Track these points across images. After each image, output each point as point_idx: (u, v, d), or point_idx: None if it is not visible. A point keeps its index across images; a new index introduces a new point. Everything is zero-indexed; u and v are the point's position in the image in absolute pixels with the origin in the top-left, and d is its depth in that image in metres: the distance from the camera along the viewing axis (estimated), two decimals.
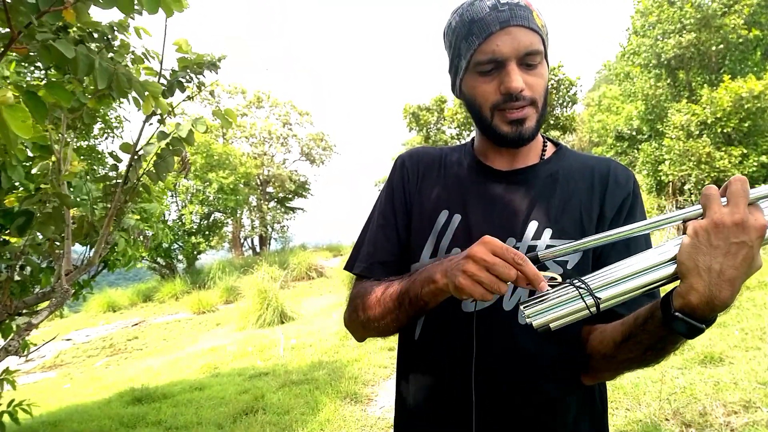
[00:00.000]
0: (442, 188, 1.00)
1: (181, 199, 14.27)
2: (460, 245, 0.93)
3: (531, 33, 0.86)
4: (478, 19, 0.87)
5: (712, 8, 7.33)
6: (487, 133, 0.94)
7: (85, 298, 3.61)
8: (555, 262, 0.89)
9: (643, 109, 7.98)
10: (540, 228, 0.92)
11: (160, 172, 1.96)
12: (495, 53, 0.86)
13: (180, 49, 1.94)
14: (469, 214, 0.95)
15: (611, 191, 0.95)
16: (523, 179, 0.97)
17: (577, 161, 1.00)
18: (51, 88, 1.45)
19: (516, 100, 0.87)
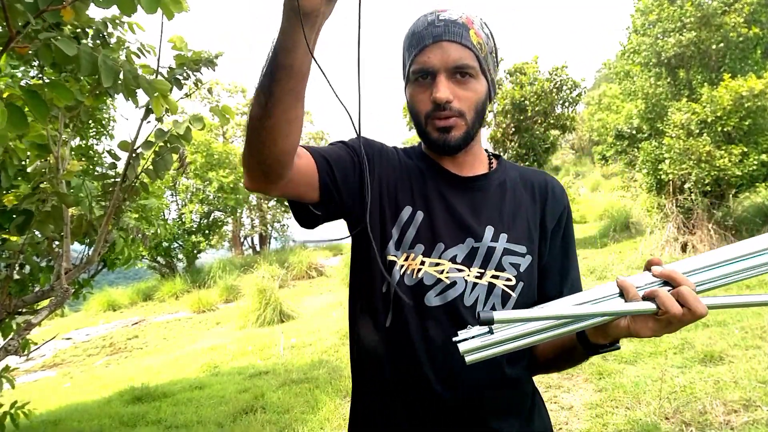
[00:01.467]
0: (405, 184, 1.02)
1: (181, 198, 14.26)
2: (423, 242, 0.97)
3: (462, 48, 0.92)
4: (417, 32, 0.95)
5: (713, 7, 7.32)
6: (422, 138, 1.00)
7: (85, 297, 3.60)
8: (510, 264, 0.97)
9: (643, 108, 7.96)
10: (496, 232, 0.99)
11: (159, 170, 1.96)
12: (426, 64, 0.92)
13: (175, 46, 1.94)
14: (431, 214, 0.99)
15: (550, 203, 1.05)
16: (479, 186, 1.03)
17: (518, 173, 1.09)
18: (52, 86, 1.45)
19: (443, 109, 0.93)
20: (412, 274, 0.95)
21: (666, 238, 7.53)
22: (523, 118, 11.51)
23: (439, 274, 0.95)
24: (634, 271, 6.81)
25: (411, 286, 0.95)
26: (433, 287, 0.95)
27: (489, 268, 0.96)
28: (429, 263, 0.96)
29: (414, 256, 0.96)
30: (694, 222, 7.33)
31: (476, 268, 0.96)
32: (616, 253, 8.21)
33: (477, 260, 0.96)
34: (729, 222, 7.26)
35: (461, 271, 0.95)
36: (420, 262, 0.96)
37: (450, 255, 0.96)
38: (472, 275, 0.95)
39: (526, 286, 0.97)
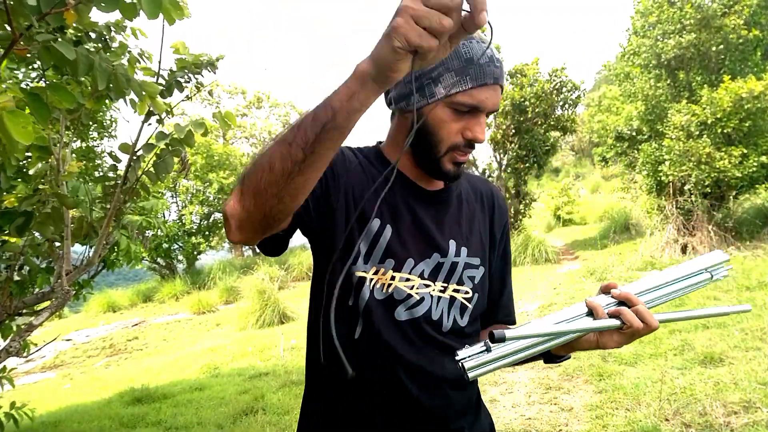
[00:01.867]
0: (371, 196, 0.95)
1: (181, 199, 14.26)
2: (393, 256, 0.96)
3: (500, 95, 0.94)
4: (476, 63, 0.88)
5: (713, 9, 7.32)
6: (429, 164, 0.97)
7: (85, 298, 3.60)
8: (468, 278, 1.02)
9: (643, 110, 7.97)
10: (458, 246, 1.02)
11: (159, 172, 1.97)
12: (481, 104, 0.90)
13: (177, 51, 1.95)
14: (399, 228, 0.99)
15: (497, 214, 1.11)
16: (442, 199, 1.04)
17: (467, 182, 1.11)
18: (54, 89, 1.46)
19: (471, 147, 0.95)
20: (382, 288, 0.96)
21: (666, 239, 7.53)
22: (523, 120, 11.51)
23: (409, 289, 0.97)
24: (635, 273, 6.81)
25: (381, 300, 0.96)
26: (403, 302, 0.96)
27: (451, 282, 1.00)
28: (399, 278, 0.96)
29: (384, 270, 0.96)
30: (694, 224, 7.33)
31: (440, 283, 0.99)
32: (616, 254, 8.21)
33: (441, 275, 0.99)
34: (729, 223, 7.27)
35: (428, 286, 0.98)
36: (390, 277, 0.96)
37: (419, 270, 0.98)
38: (436, 289, 0.99)
39: (480, 296, 1.04)
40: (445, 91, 0.90)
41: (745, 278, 5.47)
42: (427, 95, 0.92)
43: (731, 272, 3.83)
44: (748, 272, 5.67)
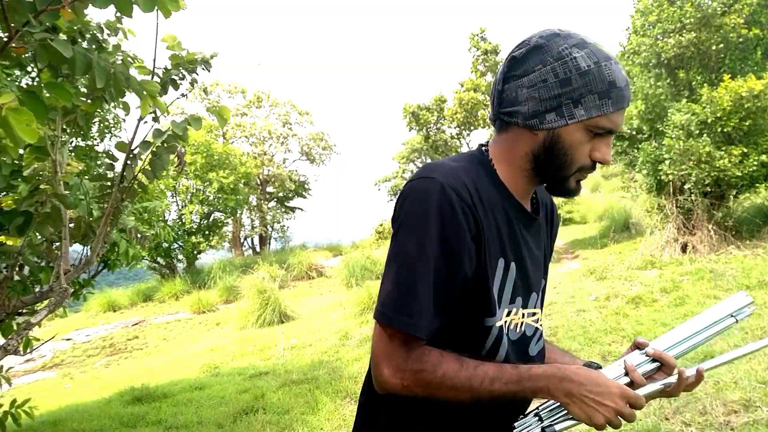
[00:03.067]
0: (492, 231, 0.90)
1: (181, 198, 14.26)
2: (521, 294, 0.97)
3: None
4: (618, 86, 0.87)
5: (712, 7, 7.32)
6: (554, 182, 0.94)
7: (85, 297, 3.60)
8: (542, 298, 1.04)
9: (643, 109, 7.96)
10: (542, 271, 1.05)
11: (156, 169, 1.97)
12: (616, 127, 0.90)
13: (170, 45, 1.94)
14: (521, 262, 0.95)
15: (555, 225, 1.11)
16: (539, 221, 1.03)
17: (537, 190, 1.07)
18: (51, 88, 1.45)
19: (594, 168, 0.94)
20: (515, 328, 0.96)
21: (666, 238, 7.53)
22: None
23: (535, 323, 1.00)
24: (634, 272, 6.81)
25: (515, 340, 0.97)
26: (533, 337, 1.00)
27: (538, 308, 1.03)
28: (527, 314, 0.98)
29: (516, 310, 0.96)
30: (694, 223, 7.33)
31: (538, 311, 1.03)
32: (616, 253, 8.21)
33: (538, 303, 1.02)
34: (729, 223, 7.26)
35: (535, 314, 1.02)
36: (522, 315, 0.97)
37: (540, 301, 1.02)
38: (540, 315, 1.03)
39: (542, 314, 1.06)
40: (587, 113, 0.87)
41: (745, 277, 5.47)
42: (566, 116, 0.88)
43: (732, 271, 3.86)
44: (749, 271, 5.67)
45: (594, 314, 5.29)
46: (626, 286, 6.22)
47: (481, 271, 0.88)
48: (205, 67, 2.12)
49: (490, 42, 11.92)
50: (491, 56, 11.88)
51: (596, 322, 4.99)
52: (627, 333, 4.51)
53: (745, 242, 7.04)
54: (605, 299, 5.78)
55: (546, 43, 0.88)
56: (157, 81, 2.00)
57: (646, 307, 5.29)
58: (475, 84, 11.69)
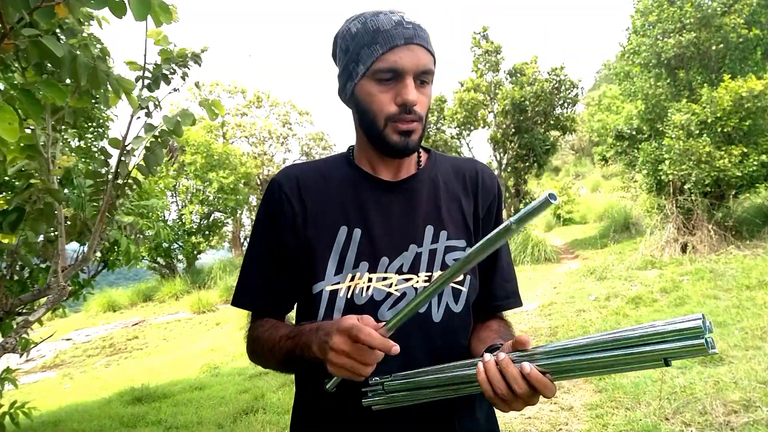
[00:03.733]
0: (335, 205, 1.00)
1: (181, 198, 14.26)
2: (366, 259, 0.97)
3: (428, 54, 0.93)
4: (383, 30, 0.91)
5: (712, 8, 7.31)
6: (376, 141, 0.97)
7: (85, 297, 3.60)
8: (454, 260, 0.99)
9: (643, 109, 7.96)
10: (436, 231, 1.00)
11: (150, 165, 1.96)
12: (396, 64, 0.91)
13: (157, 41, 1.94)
14: (369, 227, 0.98)
15: (481, 193, 1.07)
16: (410, 187, 1.03)
17: (449, 165, 1.09)
18: (46, 86, 1.45)
19: (409, 112, 0.92)
20: (361, 292, 0.95)
21: (666, 238, 7.53)
22: (522, 119, 11.51)
23: (388, 288, 0.96)
24: (634, 272, 6.82)
25: (362, 304, 0.95)
26: (384, 302, 0.95)
27: (435, 270, 0.98)
28: (376, 279, 0.96)
29: (360, 275, 0.96)
30: (694, 223, 7.33)
31: (423, 273, 0.97)
32: (616, 253, 8.21)
33: (422, 265, 0.98)
34: (729, 223, 7.26)
35: (409, 280, 0.97)
36: (367, 279, 0.96)
37: (396, 266, 0.97)
38: (420, 281, 0.97)
39: (473, 278, 1.02)
40: (364, 65, 0.93)
41: (745, 277, 5.47)
42: (353, 77, 0.95)
43: (732, 271, 3.83)
44: (749, 271, 5.67)
45: (594, 314, 5.29)
46: (626, 286, 6.22)
47: (308, 240, 0.99)
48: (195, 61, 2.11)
49: (492, 41, 11.92)
50: (492, 56, 11.89)
51: (596, 322, 4.99)
52: None
53: (745, 242, 7.04)
54: (605, 299, 5.78)
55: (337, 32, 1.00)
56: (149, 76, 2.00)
57: (646, 307, 5.29)
58: (476, 84, 11.68)
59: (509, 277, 1.10)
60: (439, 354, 0.95)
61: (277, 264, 1.02)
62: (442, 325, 0.97)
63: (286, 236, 1.01)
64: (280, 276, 1.02)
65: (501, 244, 0.67)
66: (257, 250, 1.05)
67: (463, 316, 1.00)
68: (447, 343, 0.98)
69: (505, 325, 1.06)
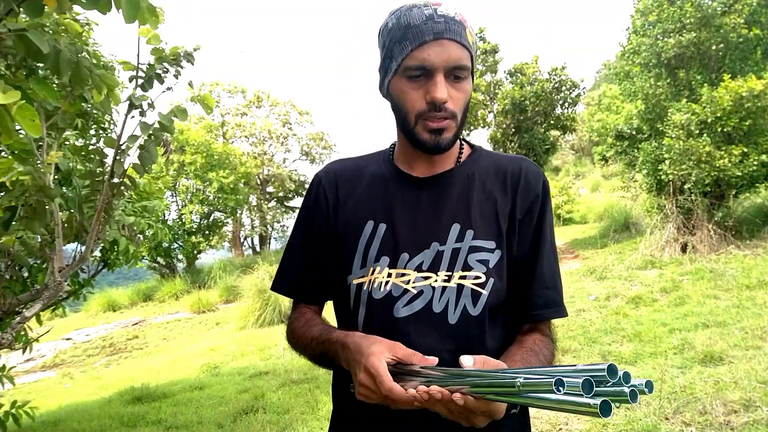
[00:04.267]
0: (365, 199, 1.03)
1: (181, 198, 14.27)
2: (387, 253, 0.97)
3: (461, 48, 0.90)
4: (413, 25, 0.90)
5: (712, 7, 7.31)
6: (409, 138, 0.97)
7: (85, 297, 3.60)
8: (477, 261, 0.95)
9: (643, 109, 7.95)
10: (462, 230, 0.96)
11: (145, 163, 1.96)
12: (425, 61, 0.89)
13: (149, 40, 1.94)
14: (394, 223, 0.98)
15: (522, 192, 1.00)
16: (441, 184, 1.01)
17: (492, 162, 1.04)
18: (37, 84, 1.45)
19: (438, 110, 0.90)
20: (380, 287, 0.95)
21: (666, 238, 7.53)
22: (523, 119, 11.52)
23: (405, 284, 0.95)
24: (634, 272, 6.81)
25: (380, 299, 0.95)
26: (401, 298, 0.94)
27: (456, 270, 0.95)
28: (395, 274, 0.96)
29: (380, 269, 0.96)
30: (694, 222, 7.32)
31: (443, 272, 0.95)
32: (616, 253, 8.20)
33: (443, 264, 0.95)
34: (729, 222, 7.26)
35: (428, 278, 0.95)
36: (387, 274, 0.96)
37: (416, 263, 0.96)
38: (440, 280, 0.94)
39: (497, 281, 0.95)
40: (395, 62, 0.92)
41: (745, 277, 5.47)
42: (388, 73, 0.95)
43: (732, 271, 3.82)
44: (749, 271, 5.67)
45: (594, 314, 5.29)
46: (626, 286, 6.22)
47: (338, 232, 1.02)
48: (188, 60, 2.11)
49: (489, 42, 11.92)
50: (490, 56, 11.88)
51: (596, 322, 4.99)
52: (627, 333, 4.51)
53: (745, 242, 7.04)
54: (605, 299, 5.77)
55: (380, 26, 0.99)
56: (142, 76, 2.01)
57: (646, 307, 5.29)
58: (475, 84, 11.71)
59: (551, 285, 1.01)
60: (452, 356, 0.90)
61: (314, 253, 1.05)
62: (457, 327, 0.93)
63: (321, 226, 1.04)
64: (317, 264, 1.05)
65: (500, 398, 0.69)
66: (296, 239, 1.09)
67: (482, 320, 0.94)
68: (461, 347, 0.92)
69: (541, 342, 0.97)
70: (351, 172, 1.07)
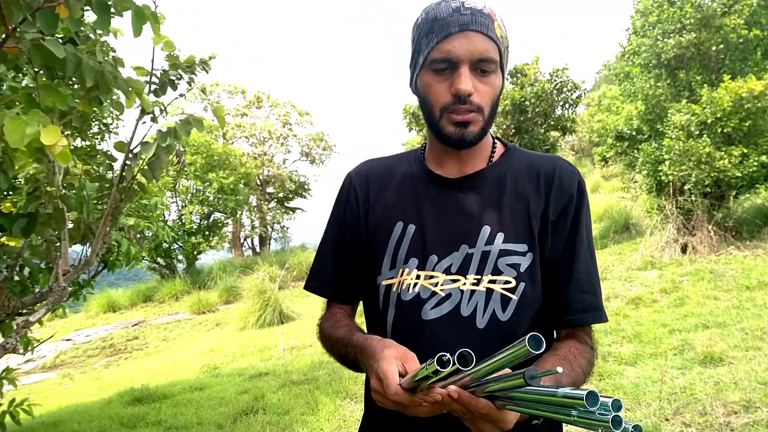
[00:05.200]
0: (395, 200, 1.02)
1: (181, 199, 14.26)
2: (416, 255, 0.96)
3: (488, 41, 0.88)
4: (440, 18, 0.89)
5: (712, 8, 7.31)
6: (435, 132, 0.96)
7: (85, 298, 3.60)
8: (508, 265, 0.92)
9: (643, 109, 7.96)
10: (492, 233, 0.94)
11: (155, 169, 1.97)
12: (450, 53, 0.88)
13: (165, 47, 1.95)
14: (423, 224, 0.97)
15: (555, 193, 0.96)
16: (472, 185, 0.98)
17: (525, 161, 1.01)
18: (46, 90, 1.46)
19: (463, 103, 0.89)
20: (408, 288, 0.95)
21: (666, 239, 7.53)
22: (523, 119, 11.52)
23: (433, 287, 0.94)
24: (634, 273, 6.81)
25: (408, 300, 0.95)
26: (429, 300, 0.93)
27: (486, 273, 0.92)
28: (424, 276, 0.95)
29: (408, 270, 0.95)
30: (694, 223, 7.33)
31: (472, 275, 0.93)
32: (616, 254, 8.21)
33: (472, 267, 0.93)
34: (729, 223, 7.26)
35: (456, 281, 0.93)
36: (415, 276, 0.95)
37: (444, 266, 0.94)
38: (468, 283, 0.92)
39: (528, 286, 0.92)
40: (422, 55, 0.92)
41: (745, 278, 5.47)
42: (417, 67, 0.95)
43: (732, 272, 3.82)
44: (749, 272, 5.67)
45: None
46: (626, 286, 6.22)
47: (371, 232, 1.02)
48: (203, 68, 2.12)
49: None
50: None
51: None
52: (627, 334, 4.51)
53: (745, 243, 7.04)
54: (605, 300, 5.73)
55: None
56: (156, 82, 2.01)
57: (646, 308, 5.29)
58: None
59: (588, 288, 0.96)
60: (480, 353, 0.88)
61: (347, 252, 1.05)
62: (485, 332, 0.91)
63: (352, 225, 1.05)
64: (350, 264, 1.05)
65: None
66: (329, 239, 1.09)
67: (511, 325, 0.92)
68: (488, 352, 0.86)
69: (577, 350, 0.92)
70: (382, 171, 1.07)
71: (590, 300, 0.96)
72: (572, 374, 0.86)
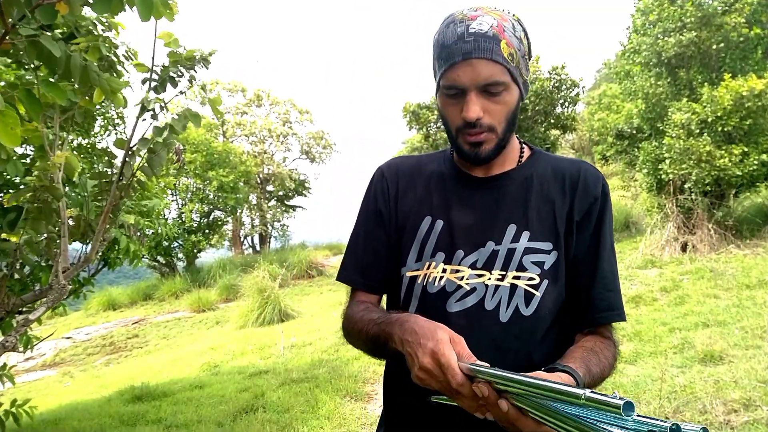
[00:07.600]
0: (423, 196, 1.06)
1: (181, 197, 14.25)
2: (443, 250, 1.00)
3: (492, 65, 0.91)
4: (446, 45, 0.93)
5: (713, 7, 7.31)
6: (453, 146, 1.02)
7: (85, 296, 3.60)
8: (532, 263, 0.96)
9: (644, 108, 7.96)
10: (518, 231, 0.98)
11: (154, 166, 1.97)
12: (456, 82, 0.92)
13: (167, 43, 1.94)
14: (451, 220, 1.01)
15: (580, 195, 1.01)
16: (500, 185, 1.03)
17: (551, 165, 1.05)
18: (46, 86, 1.45)
19: (473, 126, 0.93)
20: (434, 281, 0.98)
21: (666, 238, 7.53)
22: (523, 118, 11.51)
23: (459, 281, 0.97)
24: (634, 271, 6.81)
25: (433, 293, 0.98)
26: (454, 294, 0.97)
27: (510, 270, 0.96)
28: (450, 270, 0.98)
29: (435, 264, 0.99)
30: (694, 222, 7.33)
31: (497, 271, 0.96)
32: (616, 252, 8.21)
33: (498, 263, 0.97)
34: (729, 222, 7.26)
35: (481, 276, 0.96)
36: (441, 270, 0.98)
37: (470, 261, 0.98)
38: (493, 278, 0.96)
39: (551, 283, 0.96)
40: (436, 79, 0.98)
41: (745, 276, 5.47)
42: (436, 85, 1.00)
43: (732, 270, 3.85)
44: (748, 270, 5.67)
45: None
46: (626, 285, 6.22)
47: (399, 224, 1.06)
48: (203, 64, 2.11)
49: None
50: None
51: None
52: (627, 332, 4.51)
53: (745, 241, 7.04)
54: None
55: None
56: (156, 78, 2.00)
57: (646, 307, 5.29)
58: None
59: (612, 287, 1.00)
60: (500, 355, 0.90)
61: (380, 241, 1.07)
62: (507, 326, 0.94)
63: (384, 214, 1.08)
64: (382, 252, 1.07)
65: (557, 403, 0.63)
66: (361, 228, 1.11)
67: (534, 321, 0.95)
68: (510, 345, 0.94)
69: (602, 344, 0.95)
70: (411, 167, 1.11)
71: (614, 299, 0.99)
72: (600, 365, 0.90)
